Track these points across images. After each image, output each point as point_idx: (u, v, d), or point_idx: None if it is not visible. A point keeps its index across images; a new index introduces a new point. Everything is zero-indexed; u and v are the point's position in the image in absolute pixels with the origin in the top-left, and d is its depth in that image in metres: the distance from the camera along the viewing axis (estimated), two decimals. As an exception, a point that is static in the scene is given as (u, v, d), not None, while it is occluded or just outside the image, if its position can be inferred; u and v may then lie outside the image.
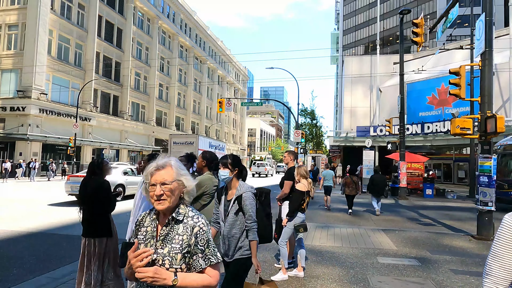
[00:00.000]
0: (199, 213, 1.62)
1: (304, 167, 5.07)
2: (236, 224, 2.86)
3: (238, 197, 2.87)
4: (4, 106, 26.66)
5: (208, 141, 28.06)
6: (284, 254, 4.77)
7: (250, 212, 2.82)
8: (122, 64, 37.65)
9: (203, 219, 1.58)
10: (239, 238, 2.87)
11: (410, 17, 39.60)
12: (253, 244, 2.84)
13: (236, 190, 2.92)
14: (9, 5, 28.42)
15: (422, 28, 13.08)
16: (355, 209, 12.47)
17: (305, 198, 4.80)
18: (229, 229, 2.87)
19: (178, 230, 1.51)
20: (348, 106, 39.48)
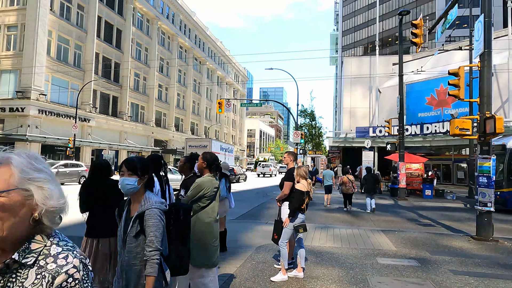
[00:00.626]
0: (73, 248, 0.99)
1: (303, 167, 5.08)
2: (136, 251, 2.19)
3: (139, 215, 2.19)
4: (3, 107, 26.63)
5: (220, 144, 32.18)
6: (284, 255, 4.77)
7: (151, 237, 2.12)
8: (122, 65, 37.65)
9: (77, 258, 0.95)
10: (140, 271, 2.17)
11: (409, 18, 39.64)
12: (148, 281, 2.08)
13: (140, 205, 2.23)
14: (8, 5, 28.41)
15: (421, 29, 13.11)
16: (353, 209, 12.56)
17: (304, 199, 4.81)
18: (127, 258, 2.21)
19: (25, 282, 0.87)
20: (347, 107, 39.50)
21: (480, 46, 8.20)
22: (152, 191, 2.36)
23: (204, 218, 3.35)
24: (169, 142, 47.33)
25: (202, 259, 3.26)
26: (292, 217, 4.77)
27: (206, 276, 3.31)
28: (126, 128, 37.76)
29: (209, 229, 3.36)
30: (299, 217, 4.81)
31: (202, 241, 3.28)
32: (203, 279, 3.29)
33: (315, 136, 45.03)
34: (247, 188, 23.17)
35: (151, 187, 2.37)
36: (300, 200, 4.76)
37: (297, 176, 4.90)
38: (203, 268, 3.27)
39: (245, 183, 28.29)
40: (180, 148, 46.41)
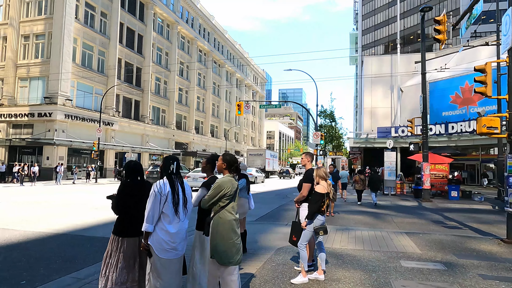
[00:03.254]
0: None
1: (323, 168, 5.00)
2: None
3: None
4: (33, 112, 27.79)
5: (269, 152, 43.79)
6: (303, 257, 4.70)
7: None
8: (143, 70, 38.52)
9: None
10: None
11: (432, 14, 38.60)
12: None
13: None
14: (37, 15, 29.67)
15: (445, 25, 12.72)
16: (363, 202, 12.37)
17: (324, 200, 4.73)
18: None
19: None
20: (368, 107, 38.81)
21: (508, 41, 7.86)
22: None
23: (226, 217, 3.39)
24: (190, 144, 47.98)
25: (229, 257, 3.31)
26: (310, 219, 4.70)
27: (234, 273, 3.40)
28: (147, 131, 38.56)
29: (232, 227, 3.40)
30: (319, 219, 4.74)
31: (226, 240, 3.33)
32: (232, 276, 3.38)
33: (335, 137, 44.47)
34: (266, 190, 23.14)
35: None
36: (319, 203, 4.68)
37: (316, 177, 4.83)
38: (230, 265, 3.33)
39: (264, 185, 28.27)
40: (200, 150, 46.95)
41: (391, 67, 37.64)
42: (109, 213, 3.76)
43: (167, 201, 3.20)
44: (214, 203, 3.42)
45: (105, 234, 7.45)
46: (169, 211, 3.20)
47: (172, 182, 3.29)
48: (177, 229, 3.22)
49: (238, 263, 3.43)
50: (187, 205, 3.36)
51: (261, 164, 42.70)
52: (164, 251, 3.16)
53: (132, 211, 3.53)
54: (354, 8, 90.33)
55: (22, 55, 29.85)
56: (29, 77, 29.38)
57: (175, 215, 3.21)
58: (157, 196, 3.18)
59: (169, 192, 3.22)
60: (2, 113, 28.65)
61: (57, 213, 10.77)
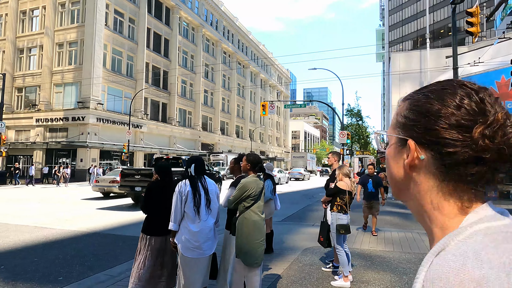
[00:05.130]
0: None
1: (346, 166, 4.92)
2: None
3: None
4: (67, 117, 29.14)
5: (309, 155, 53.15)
6: (342, 261, 4.52)
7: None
8: (170, 73, 39.42)
9: None
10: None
11: (464, 6, 36.98)
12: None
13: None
14: (70, 24, 31.10)
15: (478, 17, 12.16)
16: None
17: (345, 198, 4.67)
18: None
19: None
20: (396, 105, 37.69)
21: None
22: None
23: (250, 217, 3.40)
24: (215, 145, 48.56)
25: (254, 257, 3.34)
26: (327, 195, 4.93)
27: (258, 273, 3.46)
28: (175, 133, 39.40)
29: (257, 227, 3.41)
30: (341, 218, 4.67)
31: (251, 240, 3.35)
32: (257, 276, 3.44)
33: (362, 136, 43.53)
34: (292, 190, 23.02)
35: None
36: (337, 193, 4.72)
37: (339, 174, 4.80)
38: (255, 266, 3.36)
39: (289, 185, 28.14)
40: (225, 151, 47.42)
41: (420, 63, 36.41)
42: (140, 212, 3.88)
43: (187, 201, 3.26)
44: (238, 203, 3.45)
45: (136, 233, 7.68)
46: (190, 210, 3.25)
47: (192, 182, 3.34)
48: (199, 228, 3.26)
49: (260, 264, 3.47)
50: (210, 205, 3.37)
51: (303, 164, 50.51)
52: (189, 250, 3.22)
53: (160, 211, 3.63)
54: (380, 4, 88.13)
55: (56, 62, 31.36)
56: (64, 83, 30.82)
57: (196, 215, 3.26)
58: (178, 196, 3.27)
59: (189, 192, 3.28)
60: (39, 117, 30.23)
61: (91, 212, 11.23)
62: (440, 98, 0.58)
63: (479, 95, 0.56)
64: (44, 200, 15.00)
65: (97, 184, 15.57)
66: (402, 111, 0.63)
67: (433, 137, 0.56)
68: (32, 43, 32.52)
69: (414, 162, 0.59)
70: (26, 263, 5.51)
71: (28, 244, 6.80)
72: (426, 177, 0.58)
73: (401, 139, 0.61)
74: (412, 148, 0.58)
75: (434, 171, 0.57)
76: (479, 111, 0.55)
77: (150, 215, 3.71)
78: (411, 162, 0.59)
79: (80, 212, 11.22)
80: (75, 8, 30.97)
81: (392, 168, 0.64)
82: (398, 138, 0.62)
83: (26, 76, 32.49)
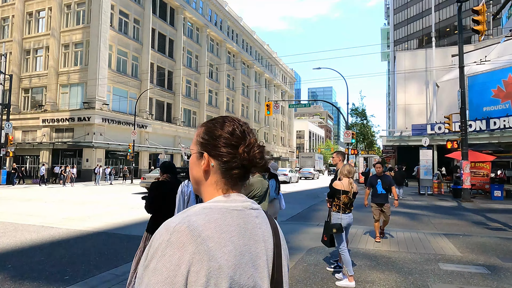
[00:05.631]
0: None
1: (347, 165, 4.88)
2: None
3: None
4: (73, 117, 29.37)
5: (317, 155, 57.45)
6: (345, 260, 4.52)
7: None
8: (174, 73, 39.55)
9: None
10: None
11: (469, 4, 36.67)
12: None
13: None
14: (75, 25, 31.33)
15: (484, 15, 12.04)
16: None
17: (340, 197, 4.66)
18: None
19: None
20: (401, 104, 37.50)
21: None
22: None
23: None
24: (220, 145, 48.60)
25: None
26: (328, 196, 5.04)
27: None
28: (179, 133, 39.53)
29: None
30: (339, 217, 4.69)
31: None
32: None
33: (367, 135, 43.35)
34: (297, 189, 22.99)
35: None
36: (334, 193, 4.76)
37: (340, 174, 4.80)
38: None
39: (295, 185, 28.10)
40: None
41: (425, 62, 36.16)
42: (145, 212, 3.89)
43: (190, 201, 3.28)
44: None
45: (141, 232, 7.72)
46: None
47: None
48: None
49: None
50: None
51: (311, 164, 52.38)
52: None
53: (164, 210, 3.64)
54: (385, 3, 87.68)
55: (62, 63, 31.62)
56: (69, 83, 31.07)
57: None
58: (181, 197, 3.30)
59: (191, 192, 3.29)
60: (45, 118, 30.51)
61: (97, 212, 11.31)
62: (221, 127, 0.93)
63: (243, 127, 0.96)
64: (51, 200, 15.13)
65: (144, 181, 17.67)
66: (200, 133, 0.96)
67: (217, 152, 0.91)
68: (39, 44, 32.81)
69: (208, 167, 0.92)
70: (33, 262, 5.57)
71: (35, 244, 6.86)
72: (213, 175, 0.92)
73: (200, 152, 0.94)
74: (206, 159, 0.92)
75: (218, 172, 0.91)
76: (242, 137, 0.93)
77: (155, 215, 3.73)
78: (206, 168, 0.92)
79: (85, 212, 11.31)
80: (80, 9, 31.19)
81: (195, 170, 0.96)
82: (198, 151, 0.94)
83: (32, 77, 32.81)
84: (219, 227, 0.80)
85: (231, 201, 0.89)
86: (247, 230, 0.85)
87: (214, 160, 0.91)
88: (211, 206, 0.86)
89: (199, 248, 0.75)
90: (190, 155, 0.98)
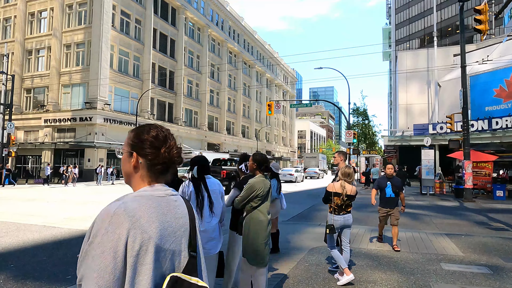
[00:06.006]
0: None
1: (346, 168, 4.84)
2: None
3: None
4: (75, 117, 29.43)
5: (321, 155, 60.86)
6: (335, 256, 4.61)
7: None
8: (176, 73, 39.59)
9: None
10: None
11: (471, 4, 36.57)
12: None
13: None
14: (77, 25, 31.40)
15: (486, 15, 12.00)
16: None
17: (331, 198, 4.68)
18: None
19: None
20: (403, 104, 37.44)
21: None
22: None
23: (257, 217, 3.41)
24: (221, 145, 48.65)
25: (261, 258, 3.36)
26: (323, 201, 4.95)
27: (265, 273, 3.50)
28: (181, 133, 39.57)
29: (263, 228, 3.41)
30: (332, 219, 4.70)
31: (258, 241, 3.35)
32: (263, 276, 3.47)
33: (369, 135, 43.29)
34: (299, 189, 22.98)
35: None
36: (327, 196, 4.75)
37: (339, 174, 4.83)
38: (261, 266, 3.38)
39: (296, 185, 28.10)
40: (231, 150, 47.48)
41: (427, 62, 36.09)
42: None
43: (190, 200, 3.26)
44: (246, 203, 3.45)
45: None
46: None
47: (195, 184, 3.33)
48: (203, 228, 3.26)
49: (267, 264, 3.49)
50: (213, 207, 3.32)
51: (315, 164, 53.83)
52: None
53: None
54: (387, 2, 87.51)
55: (64, 64, 31.69)
56: (71, 84, 31.14)
57: (199, 215, 3.26)
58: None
59: (192, 192, 3.28)
60: (47, 118, 30.59)
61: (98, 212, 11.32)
62: (148, 133, 1.22)
63: (165, 133, 1.25)
64: (53, 200, 15.17)
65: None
66: (131, 136, 1.23)
67: (145, 151, 1.18)
68: (40, 45, 32.90)
69: (136, 164, 1.18)
70: (35, 262, 5.59)
71: (37, 243, 6.88)
72: (141, 170, 1.18)
73: (130, 152, 1.20)
74: (135, 157, 1.18)
75: (145, 168, 1.18)
76: (164, 140, 1.22)
77: None
78: (135, 164, 1.18)
79: (87, 212, 11.33)
80: (82, 10, 31.25)
81: (126, 166, 1.21)
82: (128, 151, 1.21)
83: (34, 77, 32.90)
84: (148, 209, 1.07)
85: (155, 190, 1.15)
86: (169, 211, 1.13)
87: (142, 158, 1.17)
88: (141, 195, 1.11)
89: (134, 225, 1.02)
90: (122, 152, 1.24)
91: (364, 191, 21.29)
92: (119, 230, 1.00)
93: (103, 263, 0.96)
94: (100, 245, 0.98)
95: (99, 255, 0.97)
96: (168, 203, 1.14)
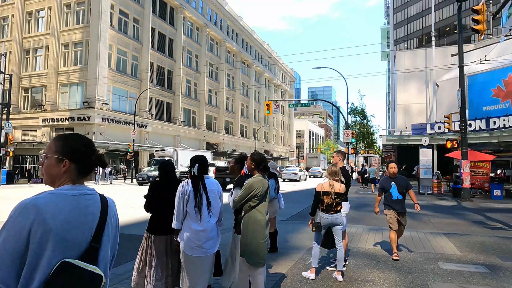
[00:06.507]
0: None
1: (332, 167, 4.88)
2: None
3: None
4: (73, 117, 29.36)
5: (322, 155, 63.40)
6: (314, 253, 4.81)
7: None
8: (174, 72, 39.54)
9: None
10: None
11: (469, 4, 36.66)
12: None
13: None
14: (75, 24, 31.31)
15: (484, 15, 12.04)
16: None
17: (320, 198, 4.72)
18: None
19: None
20: (401, 103, 37.52)
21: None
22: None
23: (256, 216, 3.41)
24: (220, 144, 48.65)
25: (259, 257, 3.36)
26: (312, 215, 4.87)
27: (263, 273, 3.49)
28: (179, 133, 39.54)
29: (261, 227, 3.42)
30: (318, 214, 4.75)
31: (256, 240, 3.36)
32: (261, 276, 3.46)
33: (367, 135, 43.37)
34: (297, 189, 23.00)
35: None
36: (317, 199, 4.77)
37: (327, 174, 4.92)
38: (259, 265, 3.37)
39: (294, 184, 28.11)
40: (230, 150, 47.48)
41: (425, 61, 36.17)
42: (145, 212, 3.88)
43: (189, 201, 3.27)
44: (244, 203, 3.45)
45: (141, 232, 7.72)
46: (191, 210, 3.25)
47: (194, 182, 3.33)
48: (201, 227, 3.26)
49: (265, 263, 3.50)
50: (211, 206, 3.33)
51: (317, 163, 56.21)
52: (191, 249, 3.24)
53: (163, 210, 3.64)
54: (385, 2, 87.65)
55: (62, 63, 31.61)
56: (69, 83, 31.06)
57: (198, 214, 3.26)
58: (180, 196, 3.28)
59: (191, 192, 3.28)
60: (45, 118, 30.51)
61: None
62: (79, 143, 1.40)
63: (91, 141, 1.45)
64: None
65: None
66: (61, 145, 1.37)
67: (78, 158, 1.37)
68: (38, 44, 32.80)
69: (69, 169, 1.34)
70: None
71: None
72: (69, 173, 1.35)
73: (61, 158, 1.35)
74: (68, 163, 1.34)
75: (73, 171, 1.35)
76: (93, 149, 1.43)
77: (154, 214, 3.73)
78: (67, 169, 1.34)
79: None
80: (80, 9, 31.17)
81: (54, 170, 1.35)
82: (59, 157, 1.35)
83: (32, 77, 32.80)
84: (55, 204, 1.23)
85: (72, 189, 1.32)
86: (78, 208, 1.29)
87: (73, 163, 1.34)
88: (56, 192, 1.28)
89: (38, 217, 1.18)
90: (44, 157, 1.38)
91: (362, 190, 21.33)
92: (24, 221, 1.17)
93: (5, 245, 1.15)
94: (8, 231, 1.17)
95: (4, 239, 1.16)
96: (80, 201, 1.31)
